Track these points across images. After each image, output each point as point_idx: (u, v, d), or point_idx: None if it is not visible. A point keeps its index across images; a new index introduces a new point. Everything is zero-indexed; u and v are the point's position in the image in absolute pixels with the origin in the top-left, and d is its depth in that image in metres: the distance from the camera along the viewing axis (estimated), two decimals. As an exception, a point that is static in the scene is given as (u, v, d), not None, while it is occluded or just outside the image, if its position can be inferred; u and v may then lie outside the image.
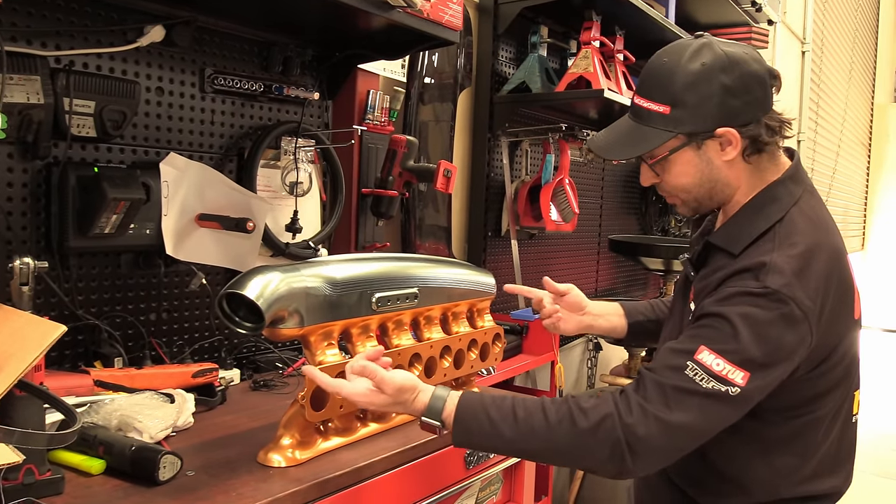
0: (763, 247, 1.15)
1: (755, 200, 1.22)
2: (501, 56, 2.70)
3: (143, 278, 1.60)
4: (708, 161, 1.20)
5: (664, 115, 1.18)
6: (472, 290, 1.61)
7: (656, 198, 3.96)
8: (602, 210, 3.56)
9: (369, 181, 2.10)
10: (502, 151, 2.70)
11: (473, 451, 1.49)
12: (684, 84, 1.16)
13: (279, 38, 1.80)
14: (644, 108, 1.21)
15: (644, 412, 1.07)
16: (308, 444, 1.23)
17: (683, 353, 1.10)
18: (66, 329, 0.84)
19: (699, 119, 1.17)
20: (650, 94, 1.20)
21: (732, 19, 3.67)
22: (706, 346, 1.08)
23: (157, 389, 1.34)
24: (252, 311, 1.12)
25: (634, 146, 1.22)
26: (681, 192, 1.26)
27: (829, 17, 6.70)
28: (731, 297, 1.11)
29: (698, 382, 1.07)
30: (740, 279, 1.13)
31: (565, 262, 3.25)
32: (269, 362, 1.79)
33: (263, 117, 1.82)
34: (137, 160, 1.56)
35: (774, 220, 1.18)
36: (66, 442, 0.79)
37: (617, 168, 3.64)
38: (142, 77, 1.56)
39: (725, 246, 1.21)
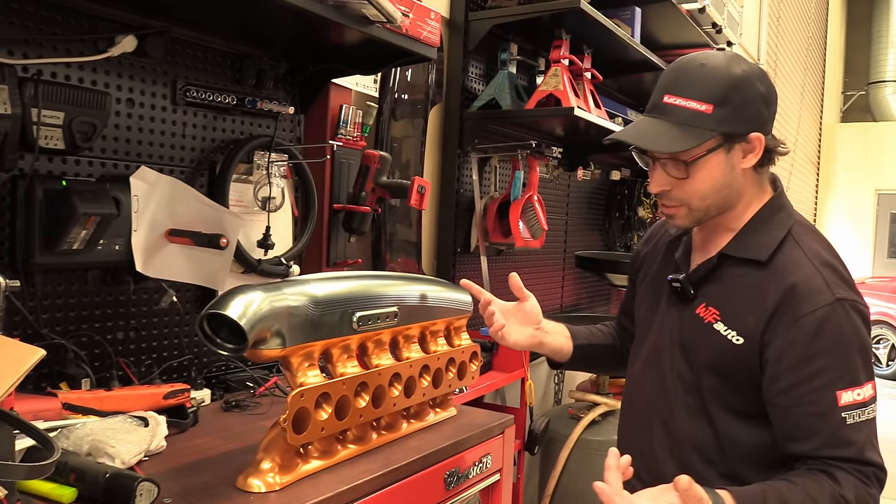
0: (792, 253, 1.22)
1: (764, 212, 1.28)
2: (471, 72, 2.70)
3: (110, 296, 1.54)
4: (731, 166, 1.23)
5: (706, 114, 1.20)
6: (449, 308, 1.60)
7: (619, 214, 4.01)
8: (567, 227, 3.58)
9: (341, 197, 2.08)
10: (472, 167, 2.70)
11: (452, 472, 1.47)
12: (730, 85, 1.20)
13: (253, 50, 1.77)
14: (682, 106, 1.21)
15: (867, 476, 1.15)
16: (288, 467, 1.19)
17: (830, 412, 1.15)
18: (44, 353, 0.80)
19: (739, 121, 1.20)
20: (689, 93, 1.21)
21: (693, 40, 3.74)
22: (837, 390, 1.15)
23: (127, 412, 1.29)
24: (234, 331, 1.09)
25: (675, 142, 1.20)
26: (696, 199, 1.25)
27: (781, 40, 6.92)
28: (816, 327, 1.16)
29: (859, 419, 1.15)
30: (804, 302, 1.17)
31: (532, 277, 3.26)
32: (240, 381, 1.74)
33: (236, 131, 1.79)
34: (106, 173, 1.51)
35: (787, 227, 1.25)
36: (46, 473, 0.75)
37: (582, 185, 3.68)
38: (112, 88, 1.51)
39: (751, 256, 1.25)
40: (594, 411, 2.61)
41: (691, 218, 1.29)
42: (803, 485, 1.14)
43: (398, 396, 1.42)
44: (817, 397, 1.15)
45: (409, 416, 1.51)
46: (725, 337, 1.24)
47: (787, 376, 1.17)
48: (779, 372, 1.18)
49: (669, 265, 1.40)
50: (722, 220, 1.31)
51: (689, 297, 1.32)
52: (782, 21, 6.79)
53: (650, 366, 1.38)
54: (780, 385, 1.18)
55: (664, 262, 1.43)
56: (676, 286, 1.33)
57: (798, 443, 1.18)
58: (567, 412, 2.68)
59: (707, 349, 1.26)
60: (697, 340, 1.28)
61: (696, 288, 1.31)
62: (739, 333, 1.23)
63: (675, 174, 1.24)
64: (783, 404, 1.18)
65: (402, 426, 1.48)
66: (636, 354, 1.45)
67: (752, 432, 1.24)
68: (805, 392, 1.16)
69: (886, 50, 11.59)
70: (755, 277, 1.24)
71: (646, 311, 1.44)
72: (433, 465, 1.40)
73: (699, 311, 1.30)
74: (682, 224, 1.31)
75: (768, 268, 1.23)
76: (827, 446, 1.15)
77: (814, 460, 1.17)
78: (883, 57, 11.64)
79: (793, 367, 1.17)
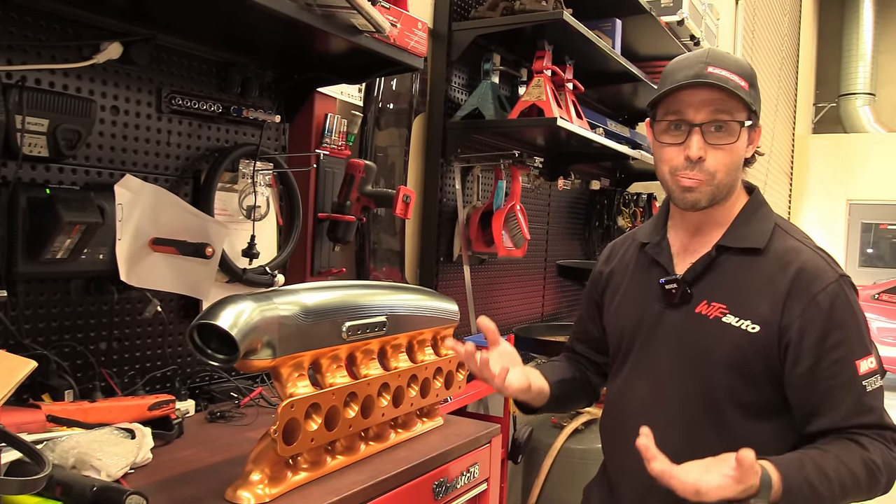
0: (786, 241, 1.30)
1: (748, 208, 1.34)
2: (454, 82, 2.71)
3: (93, 305, 1.52)
4: (743, 150, 1.30)
5: (745, 89, 1.26)
6: (437, 318, 1.60)
7: (598, 224, 4.04)
8: (548, 236, 3.60)
9: (325, 206, 2.07)
10: (455, 176, 2.71)
11: (441, 482, 1.46)
12: (752, 73, 1.29)
13: (238, 58, 1.76)
14: (728, 78, 1.24)
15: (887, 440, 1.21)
16: (278, 479, 1.18)
17: (852, 382, 1.20)
18: (35, 365, 0.78)
19: (759, 105, 1.30)
20: (730, 67, 1.25)
21: (671, 52, 3.78)
22: (856, 360, 1.21)
23: (112, 423, 1.27)
24: (225, 342, 1.08)
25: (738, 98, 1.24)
26: (722, 172, 1.27)
27: (756, 52, 7.03)
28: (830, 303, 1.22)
29: (875, 385, 1.22)
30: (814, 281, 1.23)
31: (513, 287, 3.27)
32: (224, 392, 1.73)
33: (221, 139, 1.78)
34: (90, 181, 1.49)
35: (773, 220, 1.33)
36: (38, 488, 0.73)
37: (562, 195, 3.70)
38: (97, 95, 1.49)
39: (750, 244, 1.30)
40: (577, 420, 2.62)
41: (713, 192, 1.28)
42: (834, 451, 1.18)
43: (386, 406, 1.41)
44: (838, 369, 1.21)
45: (396, 425, 1.51)
46: (739, 328, 1.25)
47: (809, 354, 1.21)
48: (801, 352, 1.22)
49: (651, 273, 1.38)
50: (711, 215, 1.33)
51: (687, 298, 1.31)
52: (757, 34, 6.91)
53: (641, 378, 1.36)
54: (804, 364, 1.22)
55: (642, 273, 1.41)
56: (672, 288, 1.32)
57: (822, 418, 1.22)
58: (550, 421, 2.69)
59: (719, 346, 1.26)
60: (705, 340, 1.27)
61: (690, 287, 1.31)
62: (755, 322, 1.24)
63: (718, 140, 1.25)
64: (807, 383, 1.22)
65: (389, 436, 1.47)
66: (618, 370, 1.42)
67: (765, 430, 1.26)
68: (827, 366, 1.21)
69: (856, 63, 11.85)
70: (756, 265, 1.28)
71: (627, 326, 1.41)
72: (422, 476, 1.40)
73: (700, 310, 1.29)
74: (699, 199, 1.28)
75: (766, 255, 1.28)
76: (852, 415, 1.20)
77: (837, 432, 1.21)
78: (853, 70, 11.89)
79: (813, 344, 1.21)
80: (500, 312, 3.14)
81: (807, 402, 1.23)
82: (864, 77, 11.86)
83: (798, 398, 1.24)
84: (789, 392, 1.24)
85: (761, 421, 1.26)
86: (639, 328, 1.38)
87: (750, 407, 1.26)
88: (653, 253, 1.40)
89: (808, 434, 1.24)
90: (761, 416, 1.27)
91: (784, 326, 1.22)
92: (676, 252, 1.38)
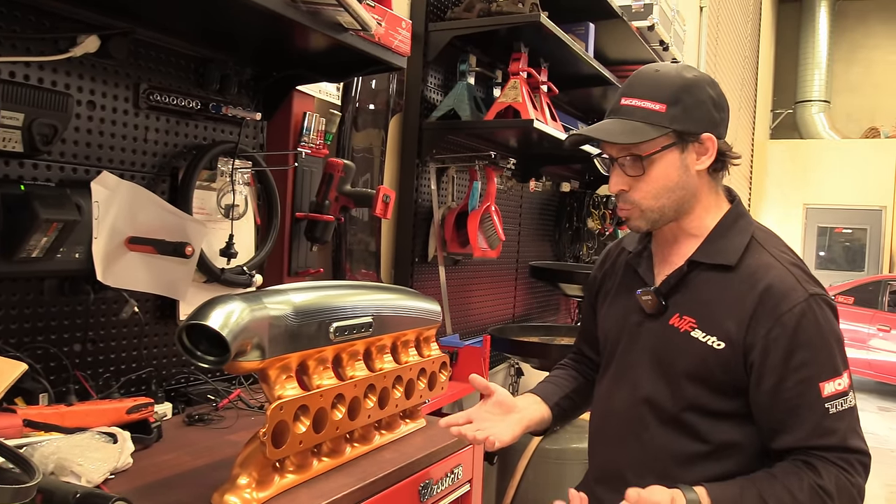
0: (760, 256, 1.28)
1: (726, 220, 1.33)
2: (430, 83, 2.70)
3: (67, 306, 1.48)
4: (686, 167, 1.28)
5: (660, 112, 1.25)
6: (420, 319, 1.58)
7: (569, 226, 4.07)
8: (520, 237, 3.61)
9: (303, 205, 2.04)
10: (430, 177, 2.70)
11: (426, 484, 1.45)
12: (681, 87, 1.26)
13: (217, 54, 1.72)
14: (638, 106, 1.27)
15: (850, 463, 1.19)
16: (265, 483, 1.16)
17: (815, 404, 1.20)
18: (26, 367, 0.75)
19: (691, 120, 1.26)
20: (644, 95, 1.27)
21: (641, 56, 3.84)
22: (820, 381, 1.20)
23: (89, 427, 1.23)
24: (214, 343, 1.05)
25: (633, 135, 1.26)
26: (651, 199, 1.29)
27: (719, 59, 7.17)
28: (795, 323, 1.20)
29: (842, 408, 1.20)
30: (782, 301, 1.22)
31: (486, 288, 3.28)
32: (201, 394, 1.69)
33: (199, 136, 1.74)
34: (66, 178, 1.45)
35: (750, 233, 1.31)
36: (29, 496, 0.70)
37: (534, 196, 3.72)
38: (73, 89, 1.45)
39: (720, 261, 1.29)
40: (552, 420, 2.63)
41: (646, 219, 1.32)
42: (782, 478, 1.18)
43: (372, 408, 1.40)
44: (802, 390, 1.20)
45: (380, 427, 1.49)
46: (705, 343, 1.26)
47: (772, 374, 1.21)
48: (764, 371, 1.22)
49: (633, 282, 1.41)
50: (683, 227, 1.34)
51: (661, 310, 1.33)
52: (720, 41, 7.04)
53: (621, 383, 1.38)
54: (767, 383, 1.22)
55: (626, 280, 1.44)
56: (647, 300, 1.34)
57: (784, 436, 1.22)
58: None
59: (685, 358, 1.28)
60: (675, 351, 1.29)
61: (666, 299, 1.33)
62: (720, 339, 1.25)
63: (632, 172, 1.29)
64: (769, 401, 1.22)
65: (374, 438, 1.46)
66: (604, 373, 1.45)
67: (737, 430, 1.27)
68: (790, 386, 1.20)
69: (812, 71, 12.17)
70: (727, 282, 1.27)
71: (612, 331, 1.43)
72: (408, 478, 1.39)
73: (673, 322, 1.31)
74: (638, 226, 1.33)
75: (738, 272, 1.27)
76: (812, 436, 1.19)
77: (798, 451, 1.20)
78: (809, 78, 12.21)
79: (776, 364, 1.21)
80: (474, 313, 3.14)
81: (770, 419, 1.24)
82: (819, 85, 12.19)
83: (761, 416, 1.25)
84: (754, 409, 1.25)
85: (734, 426, 1.28)
86: (621, 335, 1.41)
87: (720, 414, 1.28)
88: (634, 263, 1.43)
89: (773, 451, 1.25)
90: (733, 422, 1.28)
91: (748, 345, 1.23)
92: (658, 262, 1.40)
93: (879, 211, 10.72)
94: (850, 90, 12.44)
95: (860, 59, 12.46)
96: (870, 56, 12.42)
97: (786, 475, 1.19)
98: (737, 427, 1.27)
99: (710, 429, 1.27)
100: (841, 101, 12.40)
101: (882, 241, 10.70)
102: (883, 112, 12.07)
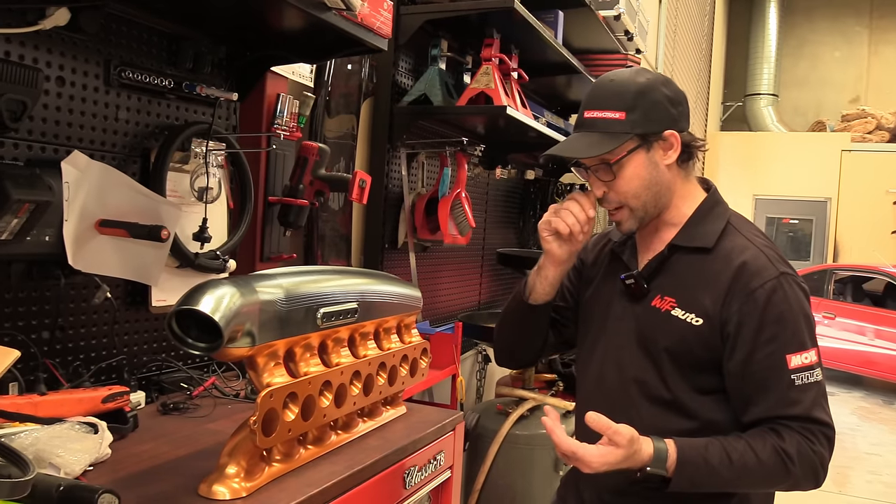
0: (735, 239, 1.34)
1: (703, 206, 1.40)
2: (401, 67, 2.67)
3: (35, 291, 1.41)
4: (654, 164, 1.34)
5: (620, 120, 1.31)
6: (402, 305, 1.57)
7: (532, 213, 4.09)
8: (486, 224, 3.61)
9: (276, 189, 2.00)
10: (401, 163, 2.67)
11: (410, 471, 1.44)
12: (636, 93, 1.32)
13: (191, 32, 1.67)
14: (599, 118, 1.33)
15: (813, 433, 1.25)
16: (253, 472, 1.13)
17: (782, 375, 1.25)
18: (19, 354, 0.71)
19: (650, 122, 1.32)
20: (604, 106, 1.33)
21: (606, 46, 3.86)
22: (787, 353, 1.26)
23: (65, 417, 1.18)
24: (205, 329, 1.02)
25: (598, 147, 1.31)
26: (631, 199, 1.35)
27: (677, 51, 7.27)
28: (766, 298, 1.26)
29: (807, 380, 1.26)
30: (754, 277, 1.27)
31: (453, 274, 3.27)
32: (174, 382, 1.64)
33: (171, 116, 1.68)
34: (34, 157, 1.38)
35: (726, 218, 1.38)
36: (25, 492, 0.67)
37: (500, 184, 3.72)
38: (41, 65, 1.38)
39: (698, 244, 1.35)
40: (522, 406, 2.64)
41: (634, 217, 1.37)
42: (747, 439, 1.26)
43: (357, 395, 1.38)
44: (770, 362, 1.26)
45: (363, 414, 1.48)
46: (684, 321, 1.31)
47: (744, 346, 1.27)
48: (737, 343, 1.28)
49: (618, 268, 1.45)
50: (663, 218, 1.40)
51: (644, 292, 1.38)
52: (679, 33, 7.14)
53: (608, 364, 1.41)
54: (738, 355, 1.28)
55: (611, 268, 1.48)
56: (630, 283, 1.39)
57: (753, 408, 1.28)
58: (496, 408, 2.70)
59: (666, 336, 1.33)
60: (657, 330, 1.34)
61: (648, 282, 1.38)
62: (698, 315, 1.30)
63: (605, 178, 1.35)
64: (740, 372, 1.28)
65: (357, 425, 1.44)
66: (589, 357, 1.47)
67: (722, 408, 1.32)
68: (759, 358, 1.26)
69: (761, 65, 12.45)
70: (704, 263, 1.34)
71: (597, 315, 1.47)
72: (394, 464, 1.38)
73: (655, 303, 1.36)
74: (629, 227, 1.39)
75: (714, 253, 1.34)
76: (777, 406, 1.26)
77: (766, 421, 1.27)
78: (758, 71, 12.49)
79: (748, 337, 1.27)
80: (443, 300, 3.13)
81: (740, 391, 1.29)
82: (768, 79, 12.48)
83: (733, 387, 1.30)
84: (727, 382, 1.31)
85: (718, 403, 1.33)
86: (605, 320, 1.45)
87: (704, 391, 1.33)
88: (618, 251, 1.48)
89: (744, 424, 1.30)
90: (717, 399, 1.33)
91: (724, 320, 1.29)
92: (641, 250, 1.45)
93: (825, 202, 11.06)
94: (798, 84, 12.78)
95: (807, 53, 12.80)
96: (815, 51, 12.77)
97: (750, 437, 1.26)
98: (721, 404, 1.32)
99: (697, 406, 1.32)
100: (788, 95, 12.73)
101: (827, 231, 11.04)
102: (828, 106, 12.44)
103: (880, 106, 11.69)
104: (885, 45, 12.40)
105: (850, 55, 12.59)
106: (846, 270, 8.52)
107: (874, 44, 12.48)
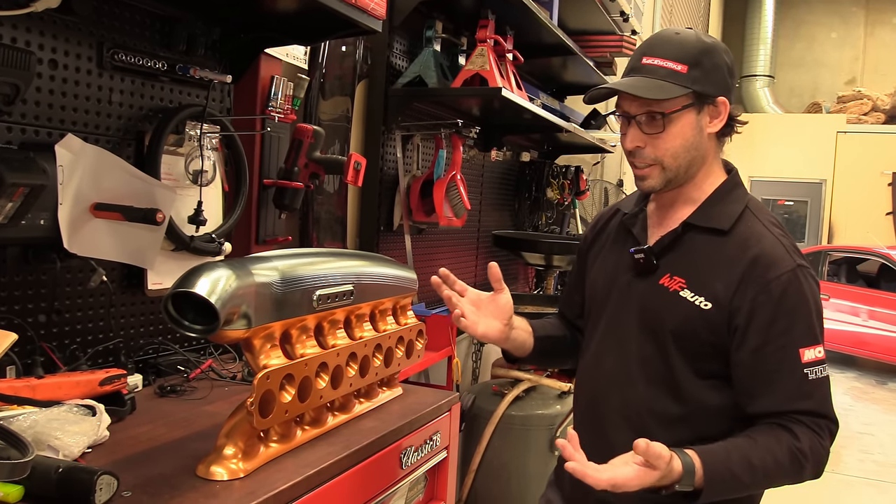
0: (753, 225, 1.31)
1: (724, 187, 1.36)
2: (396, 48, 2.66)
3: (31, 275, 1.42)
4: (700, 128, 1.31)
5: (681, 72, 1.28)
6: (398, 287, 1.57)
7: (528, 195, 4.09)
8: (481, 206, 3.61)
9: (271, 172, 2.00)
10: (396, 145, 2.66)
11: (407, 451, 1.46)
12: (701, 50, 1.29)
13: (184, 13, 1.65)
14: (660, 66, 1.29)
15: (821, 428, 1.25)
16: (250, 453, 1.14)
17: (795, 368, 1.24)
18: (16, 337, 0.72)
19: (710, 83, 1.29)
20: (667, 55, 1.29)
21: (601, 27, 3.86)
22: (801, 347, 1.24)
23: (62, 400, 1.19)
24: (201, 311, 1.02)
25: (658, 91, 1.27)
26: (669, 158, 1.31)
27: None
28: (781, 290, 1.24)
29: (819, 375, 1.25)
30: (770, 268, 1.25)
31: (449, 256, 3.27)
32: (171, 365, 1.65)
33: (164, 99, 1.67)
34: (27, 140, 1.38)
35: (745, 202, 1.34)
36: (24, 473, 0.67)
37: (495, 166, 3.72)
38: (34, 47, 1.37)
39: (714, 225, 1.32)
40: (518, 388, 2.66)
41: (663, 178, 1.33)
42: (763, 441, 1.23)
43: (354, 376, 1.39)
44: (783, 355, 1.24)
45: (359, 395, 1.49)
46: (693, 303, 1.29)
47: (756, 337, 1.25)
48: (748, 333, 1.25)
49: (627, 242, 1.42)
50: (683, 192, 1.36)
51: (653, 269, 1.35)
52: (675, 13, 7.11)
53: (609, 339, 1.40)
54: (749, 345, 1.25)
55: (619, 240, 1.46)
56: (640, 258, 1.36)
57: (761, 399, 1.26)
58: (491, 389, 2.72)
59: (673, 316, 1.30)
60: (663, 310, 1.32)
61: (658, 259, 1.35)
62: (707, 299, 1.28)
63: (650, 130, 1.30)
64: (750, 363, 1.26)
65: (354, 406, 1.45)
66: (592, 332, 1.46)
67: (716, 394, 1.30)
68: (772, 350, 1.24)
69: (758, 46, 12.39)
70: (719, 246, 1.31)
71: (601, 288, 1.45)
72: (391, 445, 1.39)
73: (663, 282, 1.33)
74: (653, 185, 1.34)
75: (730, 237, 1.31)
76: (789, 400, 1.24)
77: (775, 416, 1.25)
78: (755, 52, 12.43)
79: (761, 328, 1.25)
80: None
81: (749, 382, 1.27)
82: (764, 60, 12.42)
83: (741, 378, 1.28)
84: (733, 371, 1.29)
85: (715, 389, 1.31)
86: (610, 293, 1.43)
87: (704, 375, 1.31)
88: (629, 224, 1.44)
89: (748, 415, 1.28)
90: (715, 385, 1.31)
91: (735, 308, 1.27)
92: (652, 225, 1.42)
93: (820, 184, 11.07)
94: (794, 66, 12.73)
95: (803, 35, 12.74)
96: (812, 32, 12.71)
97: (765, 438, 1.23)
98: (718, 391, 1.30)
99: (694, 389, 1.30)
100: (784, 77, 12.69)
101: (822, 212, 11.06)
102: (824, 88, 12.41)
103: (876, 87, 11.67)
104: (881, 26, 12.35)
105: (846, 36, 12.54)
106: (841, 252, 8.55)
107: (870, 25, 12.43)
